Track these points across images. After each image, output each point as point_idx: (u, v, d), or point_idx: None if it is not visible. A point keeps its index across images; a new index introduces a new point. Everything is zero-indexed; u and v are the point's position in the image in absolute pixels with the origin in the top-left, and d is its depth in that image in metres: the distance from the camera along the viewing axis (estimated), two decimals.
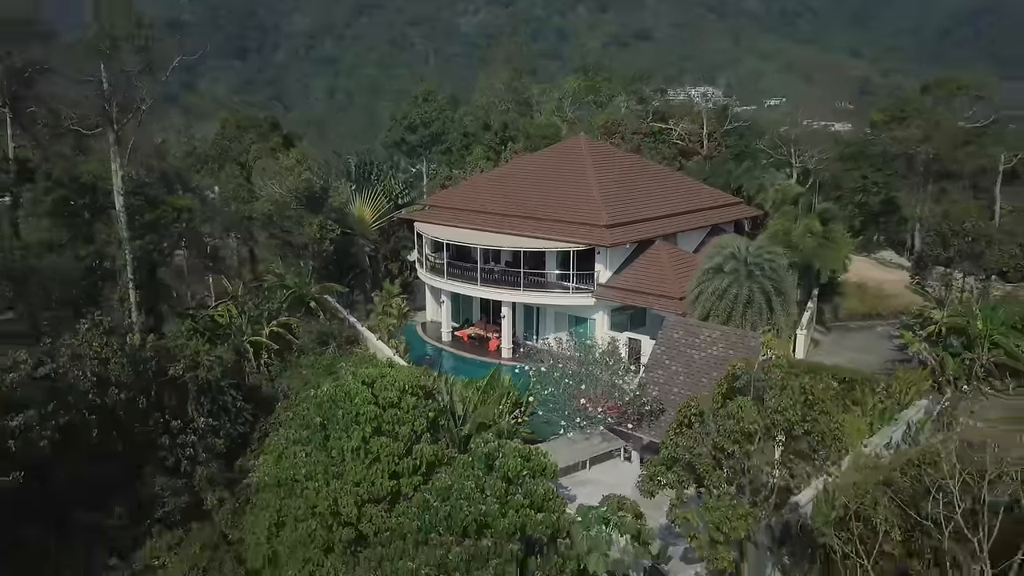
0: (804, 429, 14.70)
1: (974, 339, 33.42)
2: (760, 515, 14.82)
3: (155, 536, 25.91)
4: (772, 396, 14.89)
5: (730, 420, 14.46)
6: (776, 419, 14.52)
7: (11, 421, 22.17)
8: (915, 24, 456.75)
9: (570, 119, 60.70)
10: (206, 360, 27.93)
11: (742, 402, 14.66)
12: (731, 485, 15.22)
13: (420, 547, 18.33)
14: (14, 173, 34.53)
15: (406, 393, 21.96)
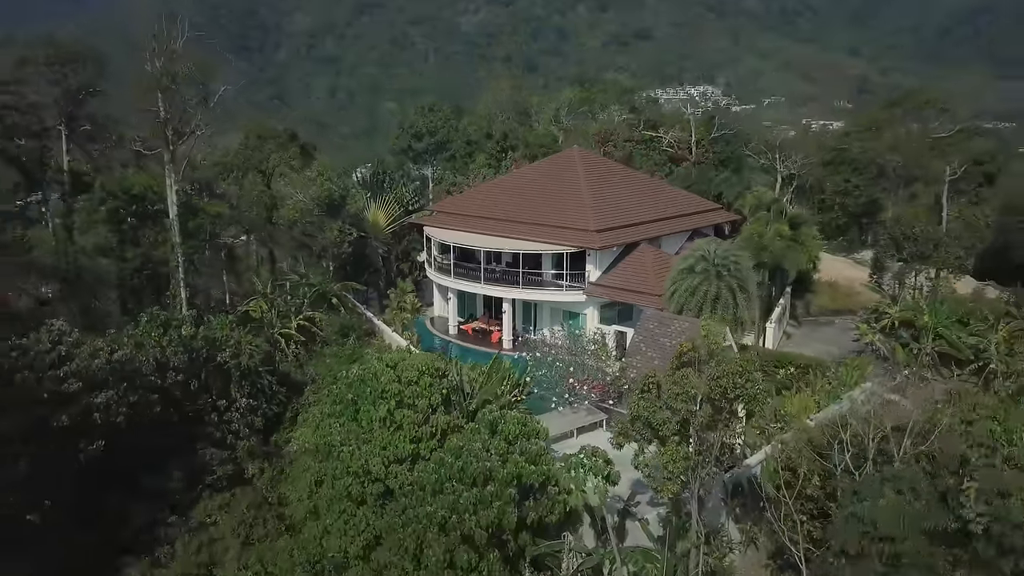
0: (736, 393, 19.29)
1: (921, 331, 38.04)
2: (701, 461, 19.42)
3: (206, 498, 30.50)
4: (711, 368, 19.46)
5: (676, 386, 19.04)
6: (713, 385, 19.11)
7: (96, 398, 26.77)
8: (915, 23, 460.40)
9: (566, 128, 65.24)
10: (247, 349, 32.53)
11: (686, 371, 19.25)
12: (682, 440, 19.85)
13: (436, 495, 22.95)
14: (68, 184, 39.11)
15: (423, 374, 26.54)
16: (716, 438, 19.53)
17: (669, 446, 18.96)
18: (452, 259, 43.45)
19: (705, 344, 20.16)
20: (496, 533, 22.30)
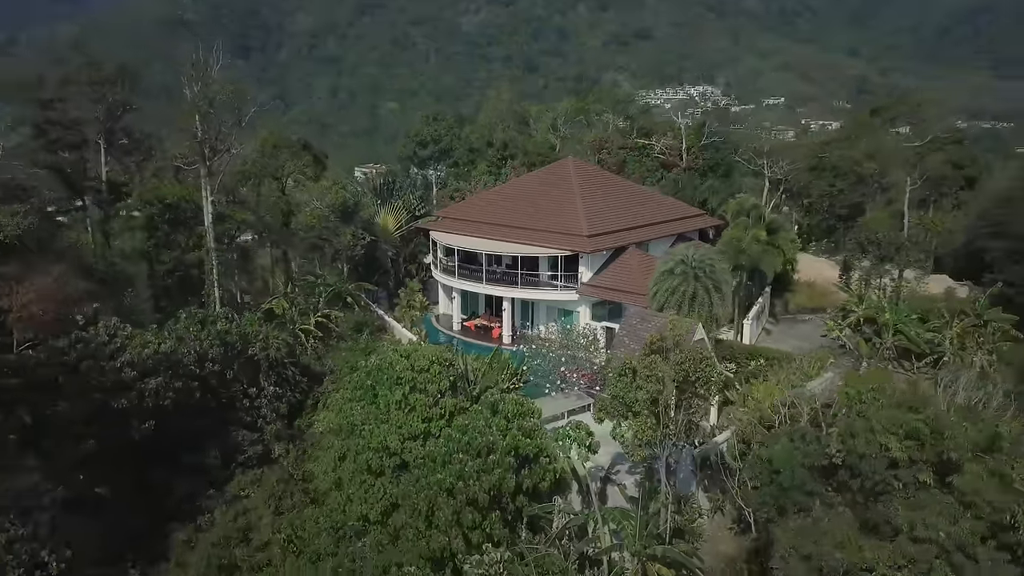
0: (696, 376, 23.37)
1: (883, 327, 42.14)
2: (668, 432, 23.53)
3: (239, 474, 34.58)
4: (676, 355, 23.54)
5: (646, 369, 23.10)
6: (678, 369, 23.18)
7: (146, 385, 30.88)
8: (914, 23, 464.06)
9: (563, 136, 69.31)
10: (273, 343, 36.66)
11: (655, 358, 23.34)
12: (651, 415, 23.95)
13: (446, 465, 27.05)
14: (106, 193, 43.20)
15: (433, 363, 30.63)
16: (680, 413, 23.61)
17: (640, 419, 23.06)
18: (456, 261, 47.53)
19: (672, 336, 24.22)
20: (496, 497, 26.43)
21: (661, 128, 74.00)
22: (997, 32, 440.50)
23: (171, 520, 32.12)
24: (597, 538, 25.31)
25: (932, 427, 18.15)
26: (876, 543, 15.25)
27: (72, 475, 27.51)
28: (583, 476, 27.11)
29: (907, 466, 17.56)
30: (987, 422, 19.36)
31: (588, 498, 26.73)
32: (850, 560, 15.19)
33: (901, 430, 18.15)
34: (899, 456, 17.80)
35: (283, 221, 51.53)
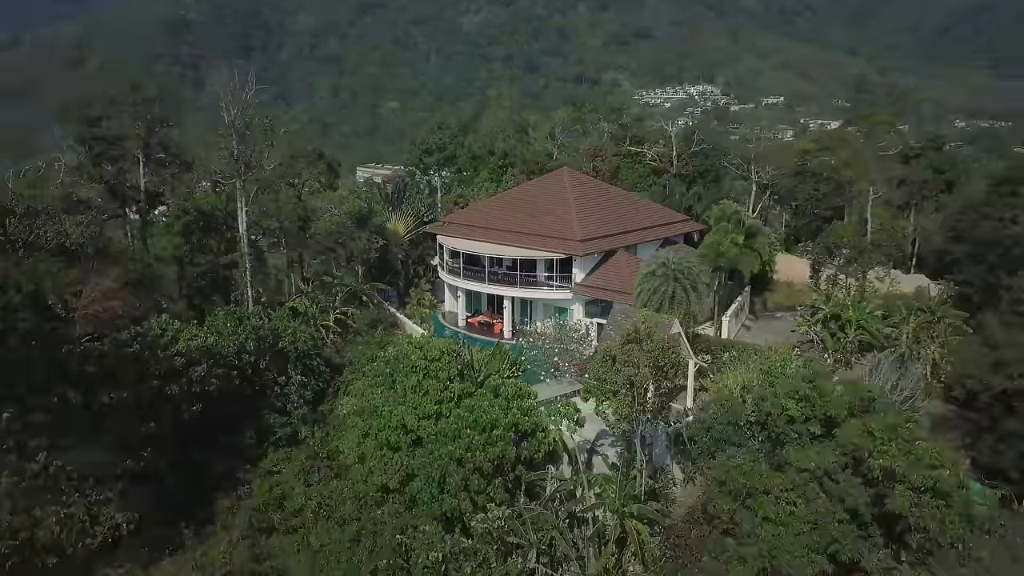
0: (665, 361, 28.30)
1: (846, 323, 47.06)
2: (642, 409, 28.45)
3: (271, 453, 39.53)
4: (647, 344, 28.47)
5: (623, 355, 28.02)
6: (650, 356, 28.11)
7: (194, 373, 35.84)
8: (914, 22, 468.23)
9: (560, 144, 74.20)
10: (301, 336, 41.63)
11: (631, 347, 28.26)
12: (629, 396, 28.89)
13: (455, 439, 31.97)
14: (144, 202, 48.14)
15: (443, 354, 35.56)
16: (654, 394, 28.55)
17: (619, 398, 27.98)
18: (461, 263, 52.46)
19: (645, 328, 29.12)
20: (498, 466, 31.36)
21: (653, 136, 78.82)
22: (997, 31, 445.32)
23: (214, 491, 37.11)
24: (583, 499, 30.29)
25: (819, 393, 23.00)
26: (772, 473, 20.04)
27: (137, 451, 32.40)
28: (572, 448, 32.10)
29: (802, 422, 22.45)
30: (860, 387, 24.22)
31: (576, 466, 31.70)
32: (752, 485, 19.99)
33: (797, 395, 23.05)
34: (795, 414, 22.68)
35: (299, 226, 56.43)
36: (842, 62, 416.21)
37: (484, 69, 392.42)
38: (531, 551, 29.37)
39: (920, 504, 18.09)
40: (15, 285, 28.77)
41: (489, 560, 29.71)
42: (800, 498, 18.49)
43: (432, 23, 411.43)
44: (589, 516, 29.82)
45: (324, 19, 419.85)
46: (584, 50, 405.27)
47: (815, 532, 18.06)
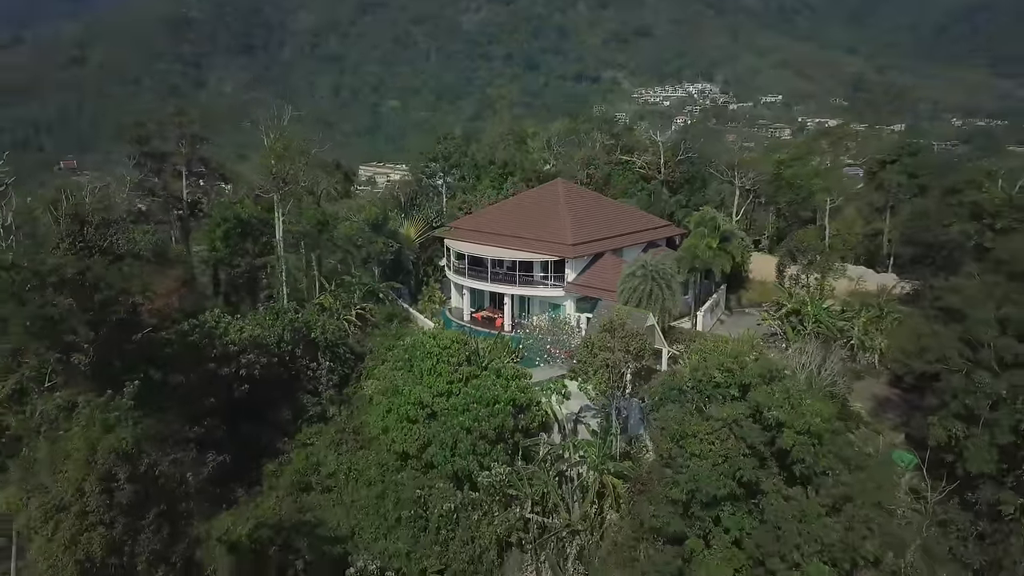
0: (635, 346, 35.46)
1: (805, 318, 54.21)
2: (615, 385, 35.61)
3: (305, 428, 46.68)
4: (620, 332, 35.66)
5: (600, 342, 35.17)
6: (622, 342, 35.24)
7: (243, 359, 43.01)
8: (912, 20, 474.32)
9: (556, 153, 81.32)
10: (329, 328, 48.83)
11: (606, 335, 35.43)
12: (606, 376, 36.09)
13: (464, 412, 39.17)
14: (187, 211, 55.34)
15: (453, 342, 42.74)
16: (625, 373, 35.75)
17: (597, 377, 35.19)
18: (466, 264, 59.56)
19: (619, 320, 36.26)
20: (500, 434, 38.56)
21: (642, 145, 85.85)
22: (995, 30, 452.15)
23: (260, 458, 44.29)
24: (570, 460, 37.51)
25: (739, 366, 30.02)
26: (699, 421, 26.92)
27: (200, 422, 39.55)
28: (561, 419, 39.34)
29: (725, 387, 29.45)
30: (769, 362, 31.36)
31: (564, 433, 38.93)
32: (684, 430, 26.93)
33: (722, 367, 30.05)
34: (720, 380, 29.69)
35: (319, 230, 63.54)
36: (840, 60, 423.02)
37: (484, 68, 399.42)
38: (527, 502, 36.66)
39: (800, 443, 25.00)
40: (107, 284, 35.89)
41: (492, 510, 36.98)
42: (717, 439, 25.36)
43: (432, 22, 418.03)
44: (574, 473, 37.04)
45: (325, 18, 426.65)
46: (584, 48, 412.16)
47: (726, 463, 24.92)
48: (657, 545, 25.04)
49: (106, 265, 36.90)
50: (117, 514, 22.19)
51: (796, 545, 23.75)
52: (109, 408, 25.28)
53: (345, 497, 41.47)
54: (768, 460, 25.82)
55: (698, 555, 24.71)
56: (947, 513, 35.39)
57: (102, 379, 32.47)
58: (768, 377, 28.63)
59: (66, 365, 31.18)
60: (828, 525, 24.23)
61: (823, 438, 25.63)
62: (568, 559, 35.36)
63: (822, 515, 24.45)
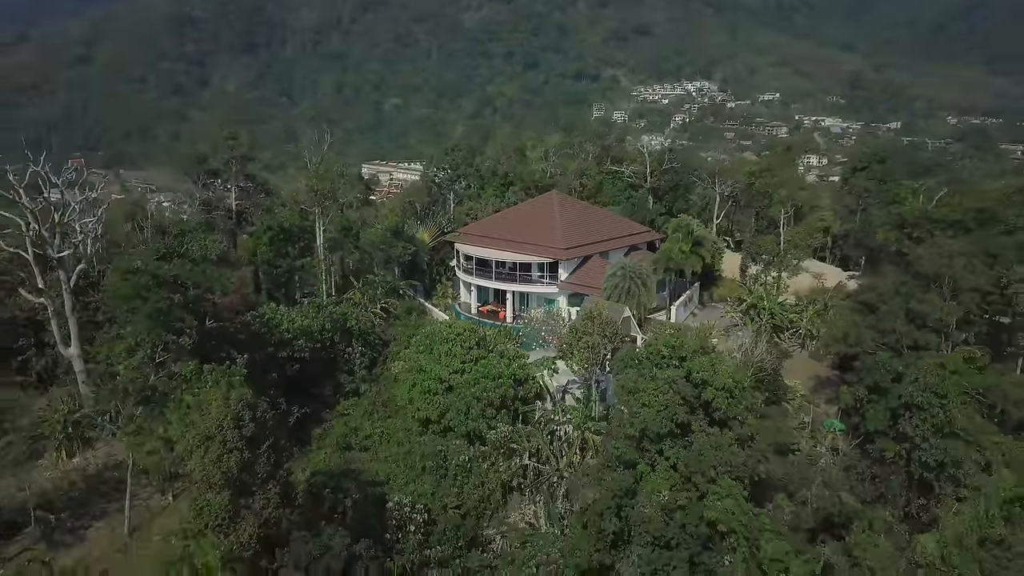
0: (609, 332, 46.21)
1: (762, 311, 65.03)
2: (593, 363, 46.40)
3: (343, 401, 57.51)
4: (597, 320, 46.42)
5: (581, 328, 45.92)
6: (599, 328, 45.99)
7: (297, 342, 53.86)
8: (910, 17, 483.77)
9: (553, 164, 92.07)
10: (362, 319, 59.66)
11: (587, 322, 46.22)
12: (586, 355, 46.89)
13: (475, 385, 50.06)
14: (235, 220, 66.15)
15: (465, 330, 53.60)
16: (604, 353, 46.62)
17: (579, 355, 45.99)
18: (473, 265, 70.29)
19: (595, 311, 47.03)
20: (504, 402, 49.43)
21: (630, 156, 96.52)
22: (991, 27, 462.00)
23: (307, 424, 55.17)
24: (558, 421, 48.40)
25: (680, 343, 40.60)
26: (648, 381, 37.50)
27: (267, 392, 50.36)
28: (552, 390, 50.25)
29: (668, 357, 40.06)
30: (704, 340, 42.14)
31: (554, 401, 49.84)
32: (636, 387, 37.53)
33: (668, 343, 40.61)
34: (665, 353, 40.32)
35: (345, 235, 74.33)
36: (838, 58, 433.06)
37: (485, 66, 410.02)
38: (525, 454, 47.53)
39: (718, 396, 35.55)
40: (194, 283, 46.71)
41: (498, 461, 47.82)
42: (660, 393, 35.84)
43: (433, 20, 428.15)
44: (562, 432, 47.94)
45: (326, 15, 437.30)
46: (584, 47, 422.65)
47: (666, 410, 35.46)
48: (618, 470, 35.53)
49: (191, 268, 47.70)
50: (244, 444, 32.97)
51: (713, 467, 34.34)
52: (231, 373, 36.10)
53: (379, 454, 52.32)
54: (696, 408, 36.38)
55: (646, 476, 35.34)
56: (852, 460, 46.37)
57: (199, 355, 43.44)
58: (700, 351, 39.24)
59: (176, 344, 41.99)
60: (735, 453, 34.79)
61: (734, 393, 36.19)
62: (557, 498, 46.26)
63: (732, 446, 35.04)
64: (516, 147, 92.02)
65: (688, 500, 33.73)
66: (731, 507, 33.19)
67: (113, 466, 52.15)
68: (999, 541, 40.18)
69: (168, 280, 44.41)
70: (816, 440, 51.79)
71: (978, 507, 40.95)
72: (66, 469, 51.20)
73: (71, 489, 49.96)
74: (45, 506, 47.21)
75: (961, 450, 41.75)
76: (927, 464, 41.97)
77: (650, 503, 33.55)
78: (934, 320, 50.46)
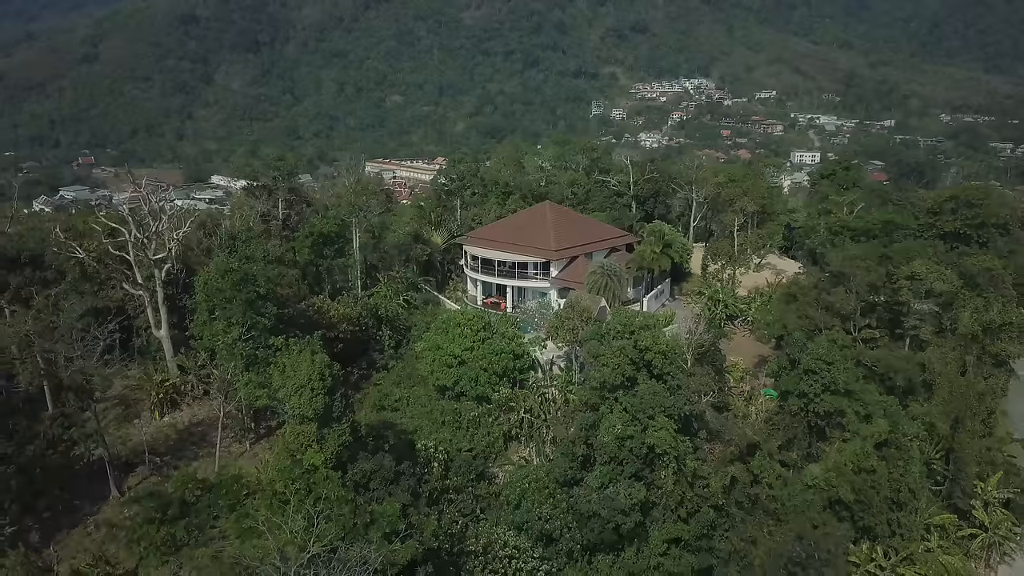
0: (588, 316, 62.02)
1: (717, 302, 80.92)
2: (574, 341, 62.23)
3: (376, 373, 73.37)
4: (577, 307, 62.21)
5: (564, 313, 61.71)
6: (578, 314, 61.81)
7: (340, 326, 69.74)
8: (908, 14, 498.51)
9: (548, 175, 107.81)
10: (390, 308, 75.60)
11: (568, 309, 62.01)
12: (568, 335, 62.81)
13: (482, 359, 65.97)
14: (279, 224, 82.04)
15: (474, 317, 69.50)
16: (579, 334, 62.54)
17: (563, 334, 61.88)
18: (479, 264, 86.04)
19: (576, 301, 62.78)
20: (505, 372, 65.38)
21: (616, 167, 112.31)
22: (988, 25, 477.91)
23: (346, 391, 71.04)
24: (547, 386, 64.37)
25: (629, 320, 56.28)
26: (606, 348, 52.84)
27: None
28: (542, 363, 66.25)
29: (621, 333, 55.79)
30: (648, 319, 57.96)
31: (544, 371, 65.85)
32: (598, 351, 53.24)
33: (620, 322, 56.36)
34: (619, 329, 56.02)
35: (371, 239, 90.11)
36: (834, 56, 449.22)
37: (485, 64, 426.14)
38: (520, 410, 63.41)
39: (656, 358, 51.18)
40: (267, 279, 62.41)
41: (500, 416, 63.72)
42: (614, 356, 51.44)
43: (434, 18, 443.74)
44: (549, 393, 63.87)
45: (329, 13, 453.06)
46: (582, 45, 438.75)
47: (619, 368, 51.23)
48: (583, 412, 51.05)
49: (264, 267, 63.55)
50: (327, 393, 48.88)
51: (652, 407, 49.94)
52: (311, 343, 52.03)
53: (407, 413, 68.19)
54: (640, 367, 52.08)
55: (605, 415, 51.05)
56: (771, 414, 62.37)
57: (277, 333, 59.32)
58: (644, 328, 54.94)
59: (261, 325, 57.85)
60: (667, 398, 50.32)
61: (668, 356, 51.88)
62: (545, 443, 62.23)
63: (665, 394, 50.67)
64: (515, 159, 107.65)
65: (634, 431, 49.50)
66: (664, 436, 49.03)
67: (196, 423, 68.33)
68: (871, 470, 56.35)
69: (251, 277, 60.23)
70: (751, 403, 67.87)
71: (855, 446, 57.05)
72: (159, 425, 67.15)
73: (166, 440, 65.92)
74: (151, 451, 63.15)
75: (844, 404, 57.62)
76: (819, 414, 57.87)
77: (608, 434, 49.48)
78: (842, 308, 66.37)
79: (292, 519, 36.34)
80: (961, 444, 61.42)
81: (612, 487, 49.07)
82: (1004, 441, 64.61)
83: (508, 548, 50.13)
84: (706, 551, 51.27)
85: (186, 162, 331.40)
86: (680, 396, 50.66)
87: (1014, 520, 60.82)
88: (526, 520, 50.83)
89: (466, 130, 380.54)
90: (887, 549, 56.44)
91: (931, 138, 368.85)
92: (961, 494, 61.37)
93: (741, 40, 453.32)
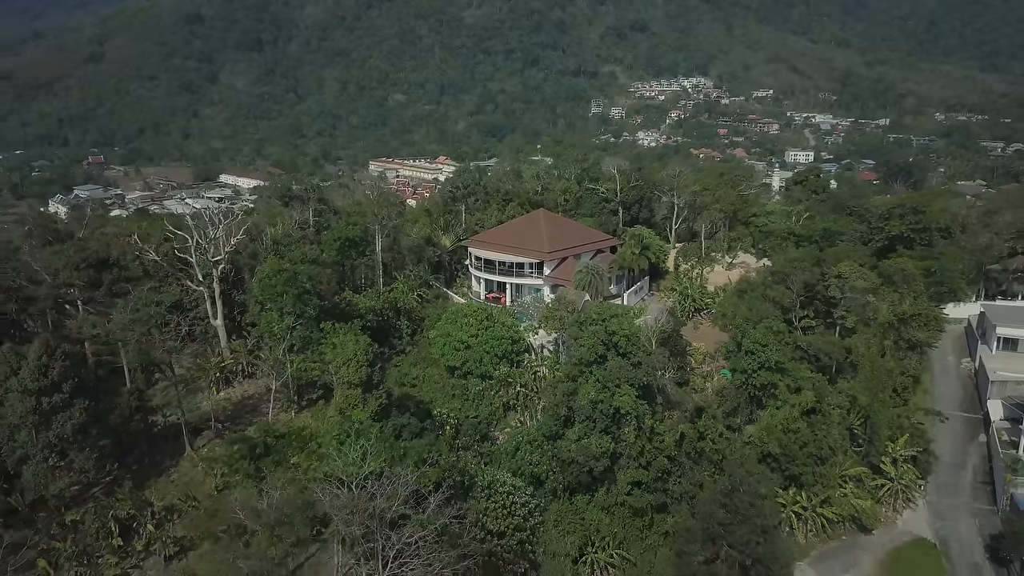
0: (573, 308, 77.84)
1: (687, 297, 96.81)
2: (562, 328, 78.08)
3: (396, 356, 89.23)
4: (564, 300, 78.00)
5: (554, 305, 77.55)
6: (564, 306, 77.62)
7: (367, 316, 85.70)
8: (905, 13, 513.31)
9: (543, 183, 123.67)
10: (408, 300, 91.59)
11: (556, 301, 77.84)
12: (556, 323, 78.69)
13: (485, 344, 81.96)
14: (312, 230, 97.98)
15: (479, 309, 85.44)
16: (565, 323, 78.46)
17: (552, 322, 77.74)
18: (482, 263, 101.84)
19: (563, 296, 78.47)
20: (504, 353, 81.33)
21: (605, 175, 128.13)
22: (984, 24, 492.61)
23: None
24: (539, 366, 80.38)
25: (605, 310, 71.76)
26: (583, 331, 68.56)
27: None
28: (535, 347, 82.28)
29: (596, 320, 71.44)
30: (619, 309, 73.55)
31: (536, 354, 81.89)
32: (577, 334, 68.91)
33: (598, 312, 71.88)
34: (594, 316, 71.49)
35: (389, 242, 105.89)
36: (832, 54, 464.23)
37: (486, 63, 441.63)
38: (517, 385, 79.45)
39: (622, 340, 66.66)
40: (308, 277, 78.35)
41: (500, 389, 79.71)
42: (589, 339, 66.90)
43: (435, 17, 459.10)
44: (540, 372, 79.85)
45: (331, 12, 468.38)
46: (582, 44, 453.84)
47: (592, 348, 66.66)
48: (565, 382, 66.91)
49: (306, 267, 79.50)
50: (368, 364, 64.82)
51: (618, 378, 65.66)
52: (353, 328, 67.97)
53: (423, 388, 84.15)
54: (610, 347, 67.96)
55: (582, 384, 66.94)
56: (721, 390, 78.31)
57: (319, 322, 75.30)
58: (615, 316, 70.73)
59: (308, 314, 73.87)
60: (630, 371, 66.11)
61: (631, 339, 67.70)
62: (537, 411, 78.28)
63: (628, 368, 66.43)
64: (514, 168, 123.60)
65: (604, 396, 65.48)
66: (627, 400, 64.98)
67: (247, 397, 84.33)
68: (796, 431, 72.33)
69: (297, 275, 76.15)
70: (707, 380, 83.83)
71: (785, 412, 73.03)
72: (217, 399, 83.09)
73: (224, 411, 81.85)
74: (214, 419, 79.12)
75: (777, 379, 73.55)
76: (756, 387, 73.82)
77: (584, 398, 65.51)
78: (782, 301, 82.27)
79: (351, 450, 52.22)
80: (875, 412, 77.29)
81: (587, 439, 65.05)
82: (912, 410, 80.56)
83: (507, 486, 66.05)
84: (661, 491, 67.31)
85: (193, 161, 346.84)
86: (641, 370, 66.60)
87: (918, 474, 76.75)
88: (520, 465, 66.87)
89: (467, 129, 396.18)
90: (810, 494, 72.44)
91: (924, 137, 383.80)
92: (875, 452, 77.24)
93: (740, 39, 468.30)
